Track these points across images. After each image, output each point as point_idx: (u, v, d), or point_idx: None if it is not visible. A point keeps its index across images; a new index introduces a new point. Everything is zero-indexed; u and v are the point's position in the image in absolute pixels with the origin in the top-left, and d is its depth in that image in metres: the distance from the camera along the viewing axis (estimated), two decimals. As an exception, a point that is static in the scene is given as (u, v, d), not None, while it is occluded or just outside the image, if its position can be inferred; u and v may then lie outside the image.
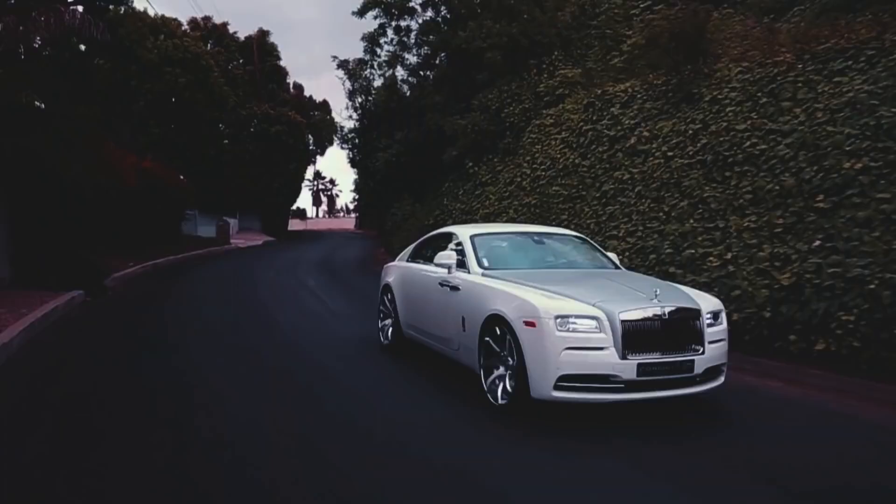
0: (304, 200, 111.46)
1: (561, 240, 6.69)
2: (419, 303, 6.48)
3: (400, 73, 19.59)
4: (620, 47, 13.64)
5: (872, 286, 5.56)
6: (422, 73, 19.51)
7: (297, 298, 11.68)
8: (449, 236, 6.61)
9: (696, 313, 4.74)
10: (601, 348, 4.46)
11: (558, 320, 4.51)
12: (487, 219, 13.90)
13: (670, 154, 9.62)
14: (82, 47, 16.84)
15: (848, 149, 7.10)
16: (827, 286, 6.01)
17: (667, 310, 4.62)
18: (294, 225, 66.08)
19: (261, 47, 38.92)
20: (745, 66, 9.63)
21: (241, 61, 38.08)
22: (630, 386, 4.47)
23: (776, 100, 8.65)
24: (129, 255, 15.74)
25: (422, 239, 7.35)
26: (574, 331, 4.50)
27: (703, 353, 4.67)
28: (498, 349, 4.94)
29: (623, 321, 4.49)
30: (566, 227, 10.42)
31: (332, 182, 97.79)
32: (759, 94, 8.93)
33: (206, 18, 36.98)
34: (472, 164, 15.80)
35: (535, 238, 6.54)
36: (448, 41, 17.53)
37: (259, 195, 37.28)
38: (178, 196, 22.82)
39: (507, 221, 12.79)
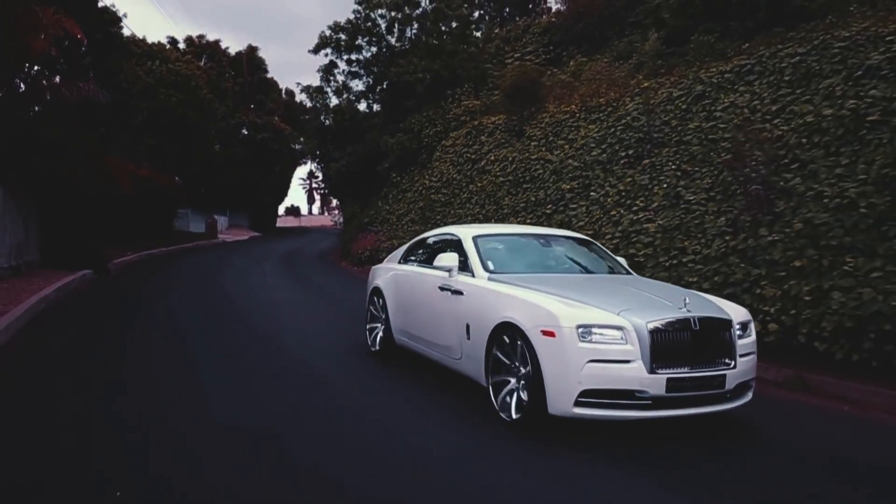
0: (300, 198, 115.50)
1: (568, 242, 6.31)
2: (415, 308, 6.18)
3: (351, 96, 23.77)
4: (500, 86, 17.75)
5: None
6: (369, 96, 23.69)
7: (249, 276, 15.86)
8: (447, 237, 6.31)
9: (726, 324, 4.51)
10: (627, 361, 4.19)
11: (580, 330, 4.23)
12: (402, 218, 18.02)
13: (498, 174, 13.78)
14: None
15: (570, 175, 11.26)
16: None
17: (697, 320, 4.37)
18: (288, 222, 70.66)
19: (250, 62, 43.27)
20: (552, 112, 13.77)
21: (232, 73, 42.34)
22: (657, 403, 4.22)
23: (557, 138, 12.80)
24: (128, 246, 19.95)
25: (414, 240, 7.13)
26: (598, 342, 4.22)
27: (734, 367, 4.44)
28: (508, 360, 4.70)
29: (651, 332, 4.23)
30: (441, 225, 14.50)
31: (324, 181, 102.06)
32: (550, 134, 13.08)
33: (201, 36, 41.23)
34: (396, 175, 19.98)
35: (541, 240, 6.20)
36: (385, 74, 21.70)
37: (248, 195, 41.82)
38: (171, 197, 27.12)
39: (409, 220, 16.93)
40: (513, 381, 4.65)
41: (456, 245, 5.89)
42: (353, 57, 23.24)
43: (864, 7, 10.66)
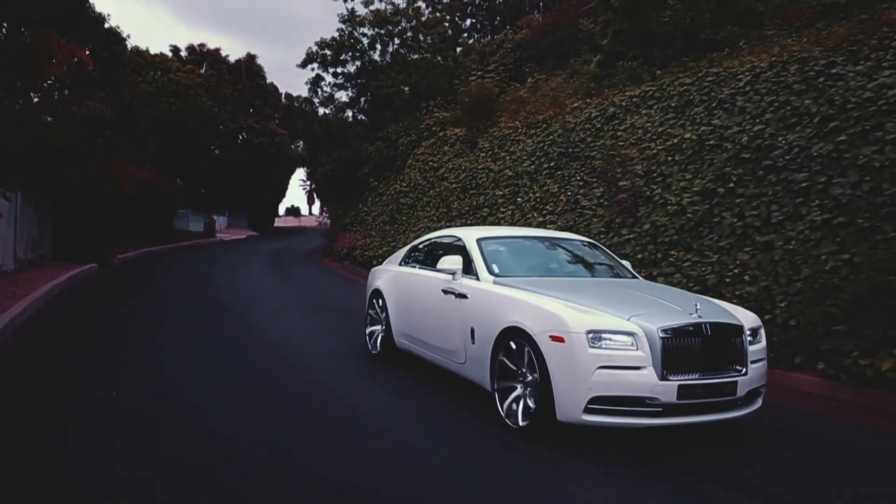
0: (301, 199, 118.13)
1: (573, 245, 6.27)
2: (417, 311, 6.17)
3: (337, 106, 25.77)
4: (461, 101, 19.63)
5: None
6: (353, 106, 25.67)
7: (237, 269, 17.81)
8: (449, 239, 6.30)
9: (738, 329, 4.49)
10: (638, 368, 4.16)
11: (590, 336, 4.20)
12: (376, 219, 19.88)
13: (452, 181, 15.70)
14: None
15: (505, 183, 13.16)
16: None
17: (709, 326, 4.35)
18: (289, 222, 72.68)
19: (248, 69, 45.40)
20: (501, 127, 15.67)
21: (231, 80, 44.38)
22: (668, 410, 4.19)
23: (501, 150, 14.70)
24: (130, 244, 21.92)
25: (415, 241, 7.15)
26: (608, 348, 4.19)
27: (745, 373, 4.41)
28: (514, 366, 4.65)
29: (662, 338, 4.21)
30: (406, 225, 16.41)
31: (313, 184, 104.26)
32: (496, 146, 14.98)
33: (202, 45, 43.36)
34: (374, 180, 21.90)
35: (546, 243, 6.19)
36: (366, 87, 23.67)
37: (246, 196, 43.95)
38: (171, 198, 29.09)
39: (381, 221, 18.81)
40: (519, 387, 4.62)
41: (459, 248, 5.85)
42: (339, 70, 25.20)
43: (752, 43, 12.51)
